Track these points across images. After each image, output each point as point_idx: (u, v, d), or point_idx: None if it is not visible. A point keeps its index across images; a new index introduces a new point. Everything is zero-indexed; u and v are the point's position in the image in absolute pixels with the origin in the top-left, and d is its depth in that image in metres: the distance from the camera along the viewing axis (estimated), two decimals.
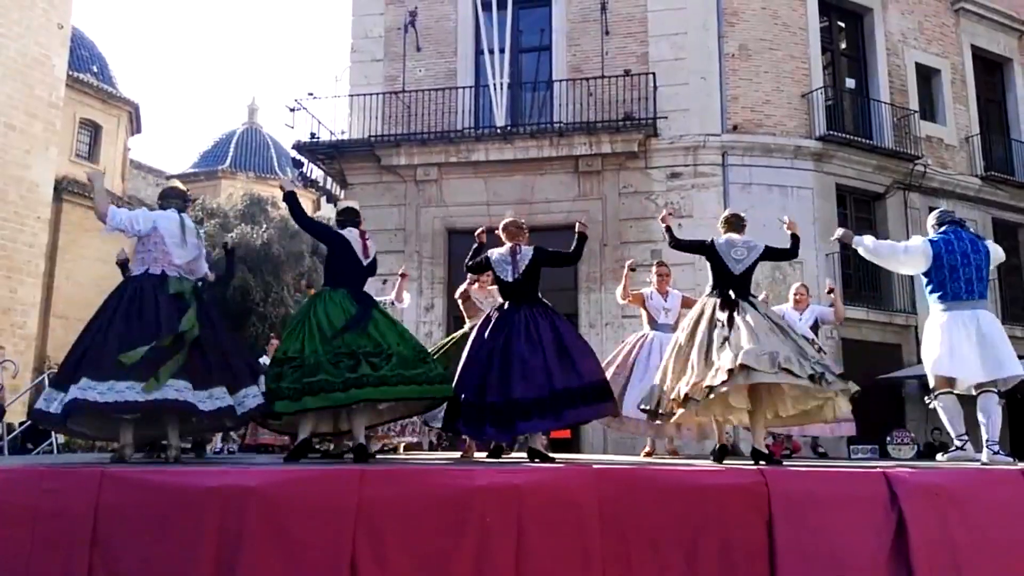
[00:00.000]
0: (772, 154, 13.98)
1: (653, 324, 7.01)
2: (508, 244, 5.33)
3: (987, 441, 5.04)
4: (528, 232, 5.51)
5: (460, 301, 6.82)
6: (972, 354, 5.07)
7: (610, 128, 13.61)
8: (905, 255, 5.50)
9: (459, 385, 5.06)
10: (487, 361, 4.98)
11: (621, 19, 14.49)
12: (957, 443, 5.34)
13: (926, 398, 5.56)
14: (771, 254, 5.41)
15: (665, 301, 7.01)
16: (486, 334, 5.12)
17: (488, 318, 5.28)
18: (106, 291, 5.11)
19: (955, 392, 5.28)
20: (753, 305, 5.08)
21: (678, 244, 5.65)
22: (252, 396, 4.74)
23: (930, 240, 5.40)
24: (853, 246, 5.65)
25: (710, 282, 5.37)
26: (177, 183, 5.56)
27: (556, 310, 5.31)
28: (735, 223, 5.49)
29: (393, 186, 14.51)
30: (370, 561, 3.37)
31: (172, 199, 5.22)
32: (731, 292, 5.12)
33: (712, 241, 5.38)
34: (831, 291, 7.82)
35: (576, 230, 5.43)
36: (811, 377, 4.59)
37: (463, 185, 14.28)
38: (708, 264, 5.39)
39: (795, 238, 5.54)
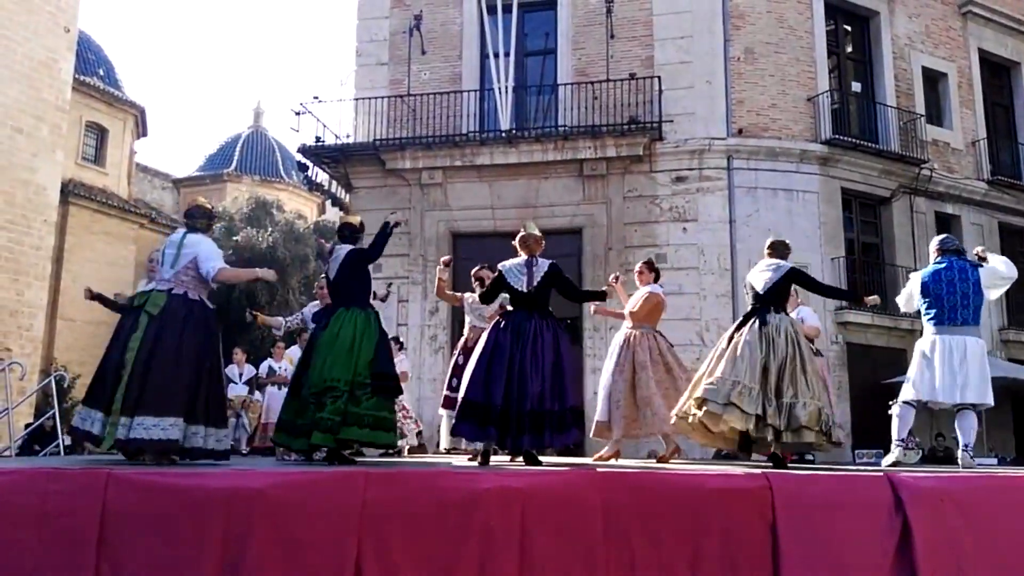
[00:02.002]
0: (777, 158, 13.96)
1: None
2: (524, 255, 5.35)
3: (963, 447, 5.58)
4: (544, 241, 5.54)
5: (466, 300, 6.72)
6: (939, 378, 5.58)
7: (615, 132, 13.61)
8: (910, 296, 6.04)
9: (467, 385, 5.08)
10: (496, 368, 5.00)
11: (626, 22, 14.50)
12: (895, 446, 5.82)
13: (890, 402, 6.03)
14: (798, 279, 5.62)
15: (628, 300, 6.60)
16: (496, 339, 5.12)
17: (498, 323, 5.27)
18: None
19: (915, 404, 5.83)
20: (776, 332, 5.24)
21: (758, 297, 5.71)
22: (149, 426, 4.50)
23: (923, 274, 5.95)
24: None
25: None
26: (202, 200, 5.47)
27: (560, 325, 5.37)
28: (777, 249, 5.72)
29: (398, 189, 14.53)
30: (374, 563, 3.38)
31: (188, 219, 5.21)
32: (767, 306, 5.39)
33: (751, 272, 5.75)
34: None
35: (608, 285, 6.00)
36: (757, 417, 4.89)
37: (468, 189, 14.29)
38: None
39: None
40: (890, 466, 5.54)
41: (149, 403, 4.49)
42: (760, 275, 5.51)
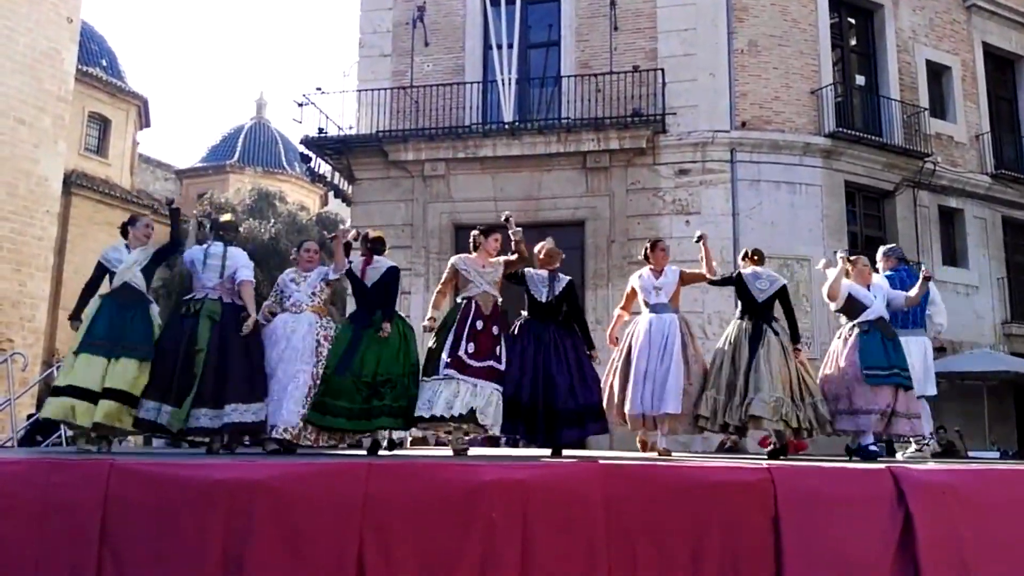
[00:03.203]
0: (781, 151, 13.93)
1: (647, 306, 6.40)
2: (547, 268, 5.83)
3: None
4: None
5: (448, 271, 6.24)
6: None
7: (618, 124, 13.57)
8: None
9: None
10: (522, 369, 5.48)
11: (630, 15, 14.45)
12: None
13: None
14: (782, 298, 6.17)
15: (656, 279, 6.34)
16: (518, 345, 5.58)
17: (517, 330, 5.70)
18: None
19: None
20: (775, 332, 5.92)
21: (714, 283, 6.52)
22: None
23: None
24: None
25: (739, 307, 6.17)
26: (228, 216, 6.32)
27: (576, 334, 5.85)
28: (754, 257, 6.29)
29: (400, 181, 14.51)
30: (376, 555, 3.38)
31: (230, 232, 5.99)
32: (757, 317, 5.98)
33: (739, 273, 6.22)
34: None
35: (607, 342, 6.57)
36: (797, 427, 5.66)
37: (470, 181, 14.27)
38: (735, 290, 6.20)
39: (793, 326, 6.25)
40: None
41: (236, 393, 5.22)
42: (757, 286, 6.08)
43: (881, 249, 6.96)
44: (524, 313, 5.80)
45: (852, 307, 6.06)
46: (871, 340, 5.83)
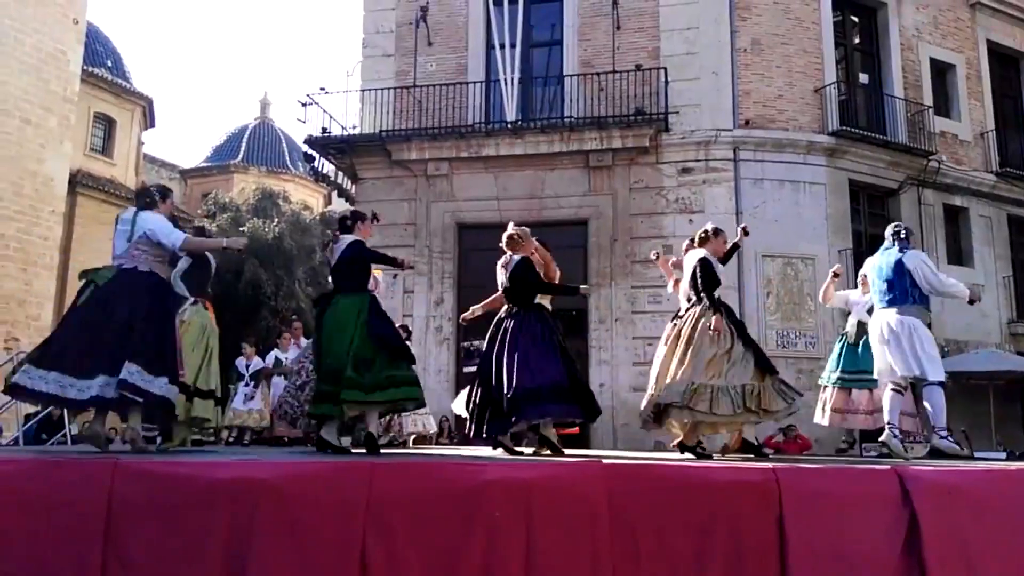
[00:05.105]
0: (784, 149, 13.90)
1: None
2: (514, 253, 5.85)
3: (935, 429, 5.69)
4: (530, 238, 5.99)
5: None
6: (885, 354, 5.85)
7: (621, 123, 13.56)
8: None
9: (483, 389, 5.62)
10: (488, 362, 5.60)
11: (632, 14, 14.44)
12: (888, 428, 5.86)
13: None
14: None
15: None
16: (488, 339, 5.72)
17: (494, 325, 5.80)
18: None
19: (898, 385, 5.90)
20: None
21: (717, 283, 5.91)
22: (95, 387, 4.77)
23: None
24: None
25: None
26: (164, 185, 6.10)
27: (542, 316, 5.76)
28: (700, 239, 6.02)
29: (403, 181, 14.52)
30: (380, 554, 3.38)
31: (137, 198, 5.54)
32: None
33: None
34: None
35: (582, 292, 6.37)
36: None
37: (473, 180, 14.27)
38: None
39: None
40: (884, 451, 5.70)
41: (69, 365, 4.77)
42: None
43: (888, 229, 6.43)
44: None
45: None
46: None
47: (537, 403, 5.31)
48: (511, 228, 5.93)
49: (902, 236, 6.01)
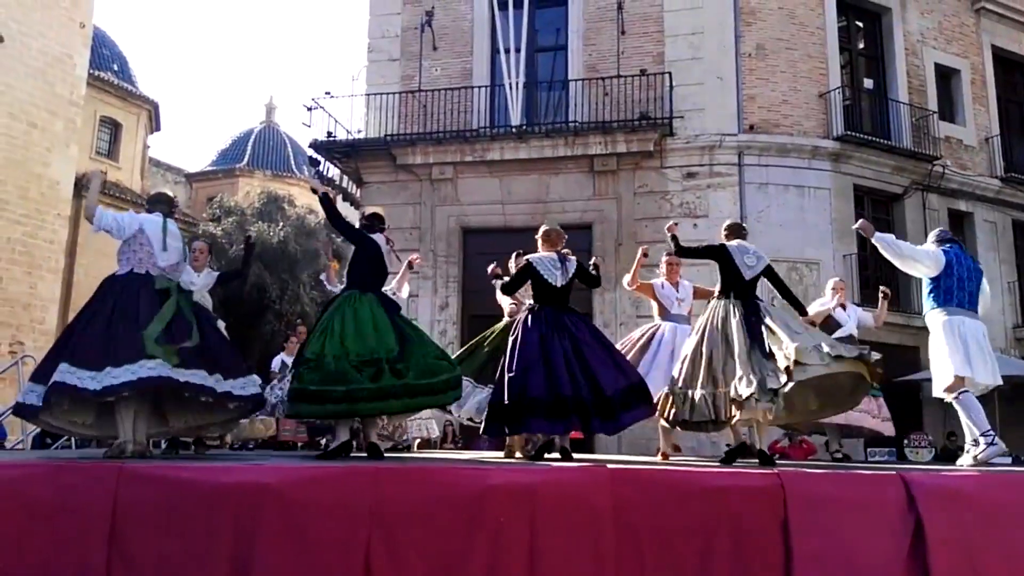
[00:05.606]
0: (789, 154, 13.90)
1: (665, 314, 6.71)
2: (553, 250, 5.47)
3: (984, 433, 5.42)
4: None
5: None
6: (984, 359, 5.51)
7: (626, 128, 13.58)
8: (922, 255, 5.75)
9: (519, 384, 5.03)
10: (552, 359, 5.07)
11: (637, 18, 14.46)
12: (984, 440, 5.42)
13: (944, 396, 5.65)
14: (770, 275, 5.84)
15: (677, 291, 6.81)
16: (539, 335, 5.18)
17: (530, 320, 5.30)
18: None
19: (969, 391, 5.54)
20: (766, 308, 5.50)
21: (686, 252, 5.99)
22: (251, 385, 5.00)
23: (943, 249, 5.72)
24: (873, 240, 5.82)
25: (718, 286, 5.72)
26: (165, 190, 5.80)
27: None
28: (739, 231, 5.94)
29: (408, 185, 14.55)
30: (384, 559, 3.38)
31: (158, 204, 5.32)
32: (744, 295, 5.53)
33: (723, 244, 5.76)
34: (885, 296, 8.21)
35: (594, 263, 5.91)
36: (860, 356, 5.05)
37: (478, 184, 14.30)
38: (718, 267, 5.72)
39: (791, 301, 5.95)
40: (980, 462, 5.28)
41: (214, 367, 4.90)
42: (745, 261, 5.70)
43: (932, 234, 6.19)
44: (529, 302, 5.52)
45: (829, 326, 7.31)
46: None
47: (640, 402, 5.22)
48: (550, 224, 5.72)
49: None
